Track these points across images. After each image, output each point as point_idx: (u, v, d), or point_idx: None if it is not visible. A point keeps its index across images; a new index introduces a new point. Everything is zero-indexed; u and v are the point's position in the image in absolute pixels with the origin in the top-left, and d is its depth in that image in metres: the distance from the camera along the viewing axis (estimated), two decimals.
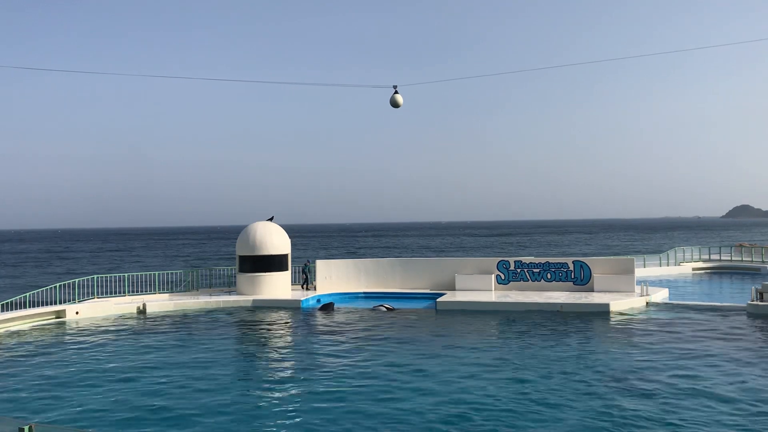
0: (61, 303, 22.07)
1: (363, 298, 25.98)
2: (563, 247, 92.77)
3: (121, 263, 71.29)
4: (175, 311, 22.96)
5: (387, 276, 27.34)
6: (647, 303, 22.32)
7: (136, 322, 21.04)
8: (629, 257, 28.38)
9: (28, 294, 21.51)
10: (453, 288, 26.12)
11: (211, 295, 25.63)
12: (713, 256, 38.28)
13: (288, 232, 27.42)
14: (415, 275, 27.13)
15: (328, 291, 26.40)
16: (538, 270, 25.94)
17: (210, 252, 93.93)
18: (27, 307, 21.16)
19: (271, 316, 22.15)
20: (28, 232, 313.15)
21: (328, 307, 22.99)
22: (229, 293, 26.08)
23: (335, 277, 27.21)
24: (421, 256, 66.04)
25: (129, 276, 25.27)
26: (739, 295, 24.38)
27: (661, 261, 36.03)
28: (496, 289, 25.86)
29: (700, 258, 37.85)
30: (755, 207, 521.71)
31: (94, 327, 19.93)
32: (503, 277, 26.20)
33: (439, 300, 23.38)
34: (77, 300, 22.90)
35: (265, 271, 25.78)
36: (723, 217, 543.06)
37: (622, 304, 21.76)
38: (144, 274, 26.23)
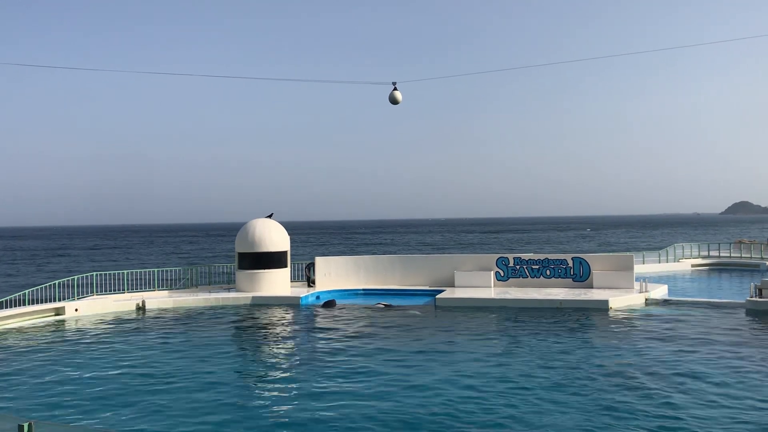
0: (60, 300, 22.08)
1: (362, 294, 26.00)
2: (562, 243, 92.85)
3: (119, 260, 71.31)
4: (175, 308, 22.96)
5: (386, 273, 27.35)
6: (646, 299, 22.34)
7: (135, 319, 21.05)
8: (628, 254, 28.38)
9: (27, 291, 21.50)
10: (452, 284, 26.13)
11: (210, 292, 25.64)
12: (712, 253, 38.29)
13: (287, 229, 27.43)
14: (414, 272, 27.14)
15: (327, 288, 26.42)
16: (537, 266, 25.96)
17: (209, 249, 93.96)
18: (26, 304, 21.16)
19: (271, 313, 22.17)
20: (23, 230, 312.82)
21: (330, 304, 23.05)
22: (229, 290, 26.09)
23: (334, 274, 27.22)
24: (420, 253, 66.09)
25: (128, 273, 25.28)
26: (738, 292, 24.41)
27: (660, 257, 36.06)
28: (495, 285, 25.88)
29: (699, 254, 37.86)
30: (754, 203, 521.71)
31: (94, 324, 19.94)
32: (502, 273, 26.22)
33: (438, 297, 23.39)
34: (76, 297, 22.90)
35: (265, 268, 25.79)
36: (722, 213, 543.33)
37: (621, 301, 21.79)
38: (143, 271, 26.24)
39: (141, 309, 22.75)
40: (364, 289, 26.56)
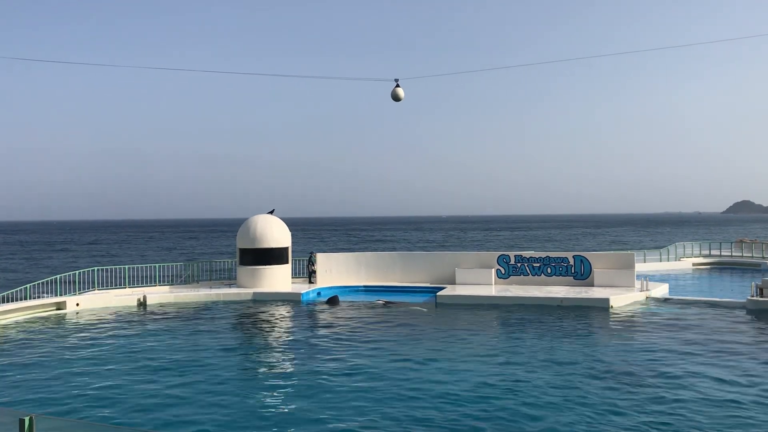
0: (61, 295, 22.11)
1: (363, 291, 26.02)
2: (563, 241, 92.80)
3: (120, 256, 71.36)
4: (176, 304, 22.99)
5: (387, 269, 27.35)
6: (647, 298, 22.34)
7: (136, 314, 21.08)
8: (629, 252, 28.38)
9: (29, 286, 21.53)
10: (453, 282, 26.14)
11: (211, 287, 25.65)
12: (713, 252, 38.27)
13: (288, 225, 27.44)
14: (416, 269, 27.14)
15: (329, 284, 26.43)
16: (538, 264, 25.96)
17: (210, 245, 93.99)
18: (27, 299, 21.18)
19: (272, 309, 22.19)
20: (21, 224, 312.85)
21: (333, 300, 23.10)
22: (230, 286, 26.11)
23: (335, 270, 27.22)
24: (422, 250, 66.07)
25: (129, 268, 25.31)
26: (739, 291, 24.39)
27: (661, 256, 36.04)
28: (496, 283, 25.88)
29: (701, 253, 37.85)
30: (756, 203, 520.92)
31: (95, 319, 19.97)
32: (503, 271, 26.22)
33: (439, 294, 23.41)
34: (77, 292, 22.93)
35: (266, 264, 25.81)
36: (724, 212, 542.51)
37: (622, 299, 21.78)
38: (144, 266, 26.26)
39: (142, 304, 22.77)
40: (365, 286, 26.58)
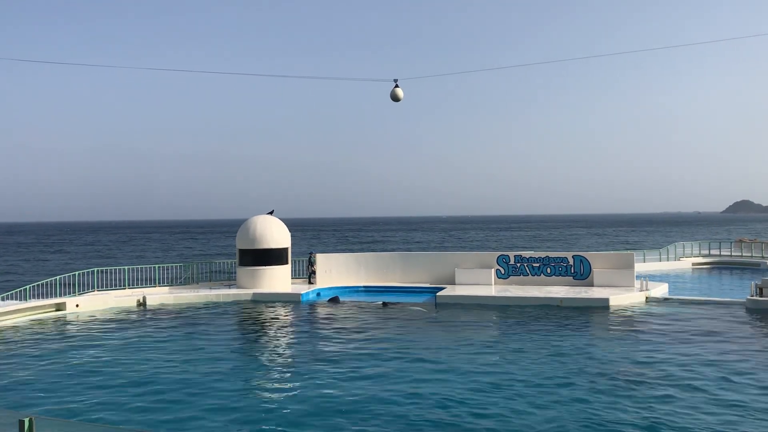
0: (61, 296, 22.10)
1: (363, 291, 26.02)
2: (563, 241, 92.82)
3: (120, 257, 71.34)
4: (175, 304, 22.98)
5: (387, 270, 27.35)
6: (647, 298, 22.34)
7: (136, 315, 21.07)
8: (629, 252, 28.39)
9: (28, 287, 21.52)
10: (453, 282, 26.14)
11: (211, 288, 25.65)
12: (713, 252, 38.29)
13: (288, 225, 27.44)
14: (415, 269, 27.14)
15: (329, 285, 26.43)
16: (537, 264, 25.96)
17: (209, 245, 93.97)
18: (27, 300, 21.18)
19: (272, 309, 22.18)
20: (19, 225, 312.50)
21: (334, 301, 23.12)
22: (229, 287, 26.11)
23: (335, 270, 27.22)
24: (422, 250, 66.07)
25: (128, 269, 25.30)
26: (739, 290, 24.40)
27: (660, 256, 36.05)
28: (495, 283, 25.88)
29: (700, 253, 37.87)
30: (755, 202, 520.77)
31: (95, 320, 19.96)
32: (503, 271, 26.22)
33: (438, 294, 23.41)
34: (77, 293, 22.92)
35: (266, 265, 25.80)
36: (723, 212, 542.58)
37: (621, 299, 21.79)
38: (143, 267, 26.25)
39: (142, 305, 22.77)
40: (364, 286, 26.58)
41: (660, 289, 23.70)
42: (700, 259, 36.37)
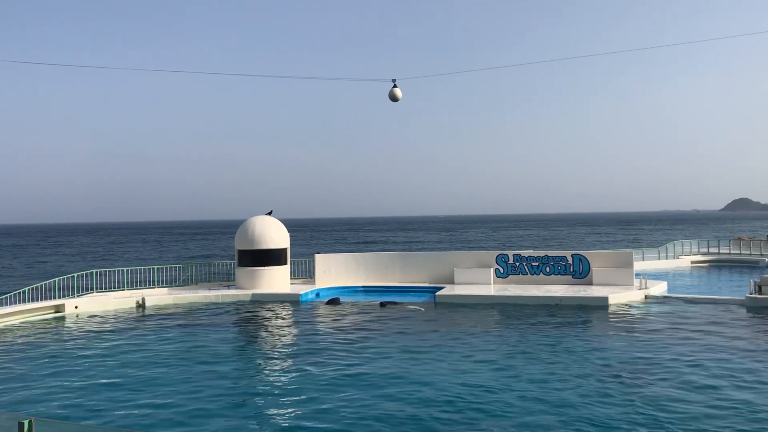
0: (59, 298, 22.08)
1: (362, 292, 26.01)
2: (562, 240, 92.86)
3: (118, 258, 71.29)
4: (175, 305, 22.97)
5: (386, 270, 27.35)
6: (646, 296, 22.35)
7: (135, 316, 21.05)
8: (628, 250, 28.39)
9: (27, 289, 21.50)
10: (452, 281, 26.14)
11: (210, 289, 25.64)
12: (712, 249, 38.30)
13: (287, 226, 27.43)
14: (414, 269, 27.14)
15: (327, 285, 26.43)
16: (536, 263, 25.97)
17: (208, 246, 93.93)
18: (26, 301, 21.15)
19: (271, 310, 22.17)
20: (17, 227, 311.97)
21: (334, 302, 23.10)
22: (228, 287, 26.10)
23: (334, 271, 27.22)
24: (420, 250, 66.11)
25: (127, 270, 25.28)
26: (738, 288, 24.41)
27: (659, 254, 36.03)
28: (494, 282, 25.89)
29: (699, 251, 37.88)
30: (754, 200, 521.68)
31: (94, 321, 19.94)
32: (502, 270, 26.22)
33: (437, 294, 23.42)
34: (76, 295, 22.90)
35: (264, 266, 25.80)
36: (722, 210, 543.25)
37: (620, 298, 21.80)
38: (142, 268, 26.24)
39: (141, 306, 22.75)
40: (364, 287, 26.58)
41: (659, 288, 23.72)
42: (699, 257, 36.38)
